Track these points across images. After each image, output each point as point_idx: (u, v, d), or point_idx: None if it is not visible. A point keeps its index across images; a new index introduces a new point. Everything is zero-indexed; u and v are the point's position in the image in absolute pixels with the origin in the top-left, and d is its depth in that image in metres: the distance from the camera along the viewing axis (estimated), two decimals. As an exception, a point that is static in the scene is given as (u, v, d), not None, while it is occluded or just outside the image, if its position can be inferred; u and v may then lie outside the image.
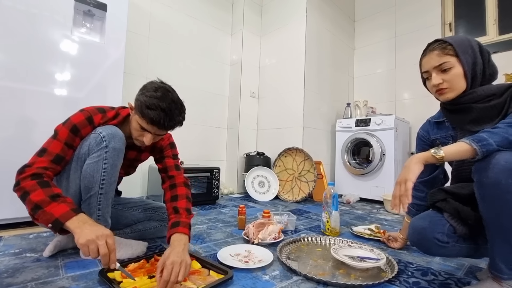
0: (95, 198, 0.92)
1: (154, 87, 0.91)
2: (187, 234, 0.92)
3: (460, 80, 0.80)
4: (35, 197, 0.75)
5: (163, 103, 0.88)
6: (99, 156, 0.90)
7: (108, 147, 0.91)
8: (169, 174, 1.11)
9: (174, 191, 1.06)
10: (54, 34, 1.40)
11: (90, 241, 0.69)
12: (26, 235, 1.23)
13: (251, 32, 2.94)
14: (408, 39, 2.79)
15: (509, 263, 0.67)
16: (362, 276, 0.89)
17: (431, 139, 0.99)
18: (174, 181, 1.09)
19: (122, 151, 0.96)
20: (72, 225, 0.72)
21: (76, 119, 0.91)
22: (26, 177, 0.78)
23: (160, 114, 0.88)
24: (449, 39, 0.82)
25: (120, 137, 0.94)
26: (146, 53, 2.31)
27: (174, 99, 0.92)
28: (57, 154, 0.86)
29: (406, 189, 0.71)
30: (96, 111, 0.96)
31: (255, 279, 0.86)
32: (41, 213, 0.73)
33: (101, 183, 0.92)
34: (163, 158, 1.14)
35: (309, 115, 2.59)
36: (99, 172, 0.91)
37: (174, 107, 0.91)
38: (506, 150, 0.64)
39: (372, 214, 1.94)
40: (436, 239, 0.76)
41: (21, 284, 0.77)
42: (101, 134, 0.91)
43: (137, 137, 0.96)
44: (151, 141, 0.95)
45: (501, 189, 0.63)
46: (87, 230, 0.71)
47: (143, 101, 0.88)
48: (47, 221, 0.73)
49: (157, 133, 0.94)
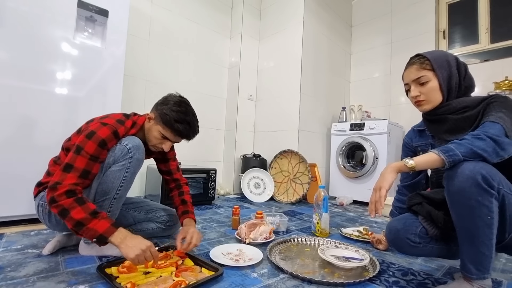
0: (109, 201, 0.98)
1: (177, 102, 1.04)
2: (194, 220, 1.18)
3: (436, 93, 0.86)
4: (76, 215, 0.81)
5: (188, 117, 1.03)
6: (123, 165, 0.96)
7: (133, 158, 0.97)
8: (174, 177, 1.29)
9: (180, 190, 1.27)
10: (57, 39, 1.46)
11: (139, 255, 0.81)
12: (28, 232, 1.28)
13: (250, 35, 3.00)
14: (403, 45, 2.85)
15: (476, 264, 0.73)
16: (346, 275, 0.95)
17: (414, 146, 1.05)
18: (179, 182, 1.29)
19: (143, 161, 1.04)
20: (116, 241, 0.83)
21: (103, 133, 0.93)
22: (61, 195, 0.83)
23: (186, 127, 1.03)
24: (427, 54, 0.88)
25: (143, 149, 1.02)
26: (146, 55, 2.36)
27: (193, 113, 1.08)
28: (84, 169, 0.89)
29: (380, 196, 0.77)
30: (118, 124, 0.99)
31: (244, 276, 0.91)
32: (85, 230, 0.82)
33: (118, 189, 0.98)
34: (167, 161, 1.27)
35: (304, 119, 2.64)
36: (119, 179, 0.97)
37: (195, 120, 1.07)
38: (471, 160, 0.69)
39: (363, 217, 1.99)
40: (408, 239, 0.82)
41: (23, 278, 0.82)
42: (127, 146, 0.97)
43: (156, 144, 1.07)
44: (169, 148, 1.08)
45: (465, 196, 0.68)
46: (131, 245, 0.82)
47: (171, 115, 1.01)
48: (92, 237, 0.82)
49: (177, 141, 1.08)
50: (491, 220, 0.68)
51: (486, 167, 0.68)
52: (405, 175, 1.11)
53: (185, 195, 1.25)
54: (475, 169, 0.67)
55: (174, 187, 1.28)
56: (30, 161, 1.37)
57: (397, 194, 1.15)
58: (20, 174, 1.35)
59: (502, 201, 0.70)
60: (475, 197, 0.67)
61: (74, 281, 0.82)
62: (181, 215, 1.18)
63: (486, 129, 0.73)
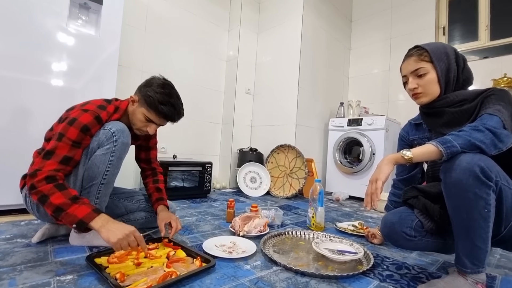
0: (96, 187, 0.96)
1: (161, 84, 1.02)
2: (167, 207, 1.18)
3: (433, 85, 0.84)
4: (55, 200, 0.79)
5: (172, 99, 1.02)
6: (108, 149, 0.95)
7: (117, 141, 0.96)
8: (152, 166, 1.29)
9: (156, 178, 1.27)
10: (49, 26, 1.42)
11: (121, 239, 0.78)
12: (18, 222, 1.26)
13: (248, 29, 2.96)
14: (403, 41, 2.83)
15: (472, 258, 0.72)
16: (340, 268, 0.94)
17: (410, 139, 1.04)
18: (156, 171, 1.29)
19: (129, 145, 1.03)
20: (96, 225, 0.80)
21: (85, 119, 0.91)
22: (41, 180, 0.81)
23: (171, 109, 1.01)
24: (426, 45, 0.86)
25: (127, 133, 1.00)
26: (142, 46, 2.32)
27: (177, 95, 1.06)
28: (65, 155, 0.88)
29: (376, 187, 0.75)
30: (99, 109, 0.98)
31: (237, 268, 0.90)
32: (64, 215, 0.79)
33: (104, 174, 0.96)
34: (149, 149, 1.26)
35: (302, 113, 2.62)
36: (105, 163, 0.95)
37: (179, 102, 1.05)
38: (469, 152, 0.68)
39: (359, 212, 1.99)
40: (404, 233, 0.81)
41: (10, 267, 0.80)
42: (111, 130, 0.95)
43: (141, 127, 1.05)
44: (154, 131, 1.07)
45: (462, 188, 0.67)
46: (113, 229, 0.79)
47: (154, 97, 0.99)
48: (71, 222, 0.80)
49: (162, 124, 1.06)
50: (487, 213, 0.67)
51: (484, 159, 0.67)
52: (401, 169, 1.10)
53: (160, 183, 1.24)
54: (473, 161, 0.66)
55: (149, 175, 1.27)
56: (23, 152, 1.34)
57: (393, 188, 1.14)
58: (13, 165, 1.32)
59: (499, 193, 0.69)
60: (473, 190, 0.66)
61: (62, 271, 0.80)
62: (155, 201, 1.18)
63: (484, 121, 0.72)
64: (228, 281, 0.81)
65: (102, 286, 0.73)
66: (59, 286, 0.72)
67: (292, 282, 0.82)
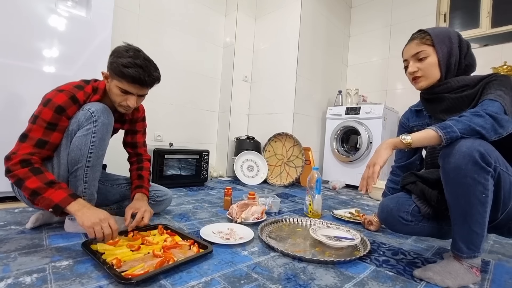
0: (82, 170, 0.94)
1: (125, 49, 0.95)
2: (147, 196, 1.13)
3: (434, 69, 0.83)
4: (30, 184, 0.79)
5: (138, 60, 0.93)
6: (88, 129, 0.92)
7: (98, 122, 0.93)
8: (138, 151, 1.24)
9: (140, 165, 1.22)
10: (37, 7, 1.36)
11: (95, 223, 0.79)
12: (12, 209, 1.24)
13: (246, 13, 2.88)
14: (403, 28, 2.78)
15: (468, 243, 0.72)
16: (337, 254, 0.94)
17: (410, 126, 1.03)
18: (142, 157, 1.24)
19: (111, 125, 0.99)
20: (73, 209, 0.80)
21: (59, 99, 0.89)
22: (15, 164, 0.80)
23: (138, 70, 0.92)
24: (430, 29, 0.84)
25: (109, 113, 0.97)
26: (136, 31, 2.25)
27: (146, 57, 0.97)
28: (39, 138, 0.86)
29: (373, 171, 0.75)
30: (76, 89, 0.95)
31: (234, 254, 0.90)
32: (40, 199, 0.79)
33: (88, 156, 0.94)
34: (135, 132, 1.21)
35: (300, 101, 2.59)
36: (87, 145, 0.92)
37: (148, 64, 0.96)
38: (469, 137, 0.67)
39: (355, 200, 2.01)
40: (400, 217, 0.81)
41: (4, 253, 0.79)
42: (90, 110, 0.92)
43: (120, 102, 0.98)
44: (135, 103, 0.98)
45: (461, 174, 0.66)
46: (88, 214, 0.79)
47: (119, 63, 0.91)
48: (48, 206, 0.80)
49: (139, 93, 0.98)
50: (485, 198, 0.67)
51: (483, 144, 0.66)
52: (400, 155, 1.10)
53: (144, 171, 1.19)
54: (473, 146, 0.65)
55: (135, 161, 1.23)
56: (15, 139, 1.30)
57: (391, 175, 1.14)
58: (4, 152, 1.27)
59: (497, 179, 0.69)
60: (471, 175, 0.66)
61: (57, 257, 0.79)
62: (134, 189, 1.13)
63: (485, 107, 0.71)
64: (226, 266, 0.81)
65: (98, 272, 0.73)
66: (54, 272, 0.71)
67: (289, 268, 0.82)
